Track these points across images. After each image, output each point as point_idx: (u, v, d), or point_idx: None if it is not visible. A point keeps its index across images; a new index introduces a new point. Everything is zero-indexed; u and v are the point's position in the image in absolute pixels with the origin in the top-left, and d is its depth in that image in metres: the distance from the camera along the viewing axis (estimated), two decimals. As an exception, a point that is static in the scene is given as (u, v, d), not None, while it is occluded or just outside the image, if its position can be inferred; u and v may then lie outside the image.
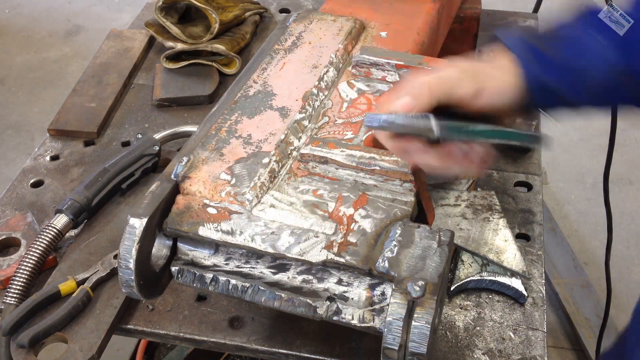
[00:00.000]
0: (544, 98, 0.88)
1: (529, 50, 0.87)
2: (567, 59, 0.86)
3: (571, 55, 0.86)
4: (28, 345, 1.00)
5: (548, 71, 0.85)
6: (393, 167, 0.89)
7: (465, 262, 1.13)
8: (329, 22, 1.19)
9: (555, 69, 0.85)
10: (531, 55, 0.87)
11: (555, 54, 0.86)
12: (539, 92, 0.86)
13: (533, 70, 0.86)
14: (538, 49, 0.87)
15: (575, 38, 0.87)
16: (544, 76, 0.85)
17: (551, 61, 0.86)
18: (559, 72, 0.85)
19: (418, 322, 0.76)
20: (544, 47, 0.87)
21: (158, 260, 0.90)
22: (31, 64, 3.68)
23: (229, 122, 0.99)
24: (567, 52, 0.86)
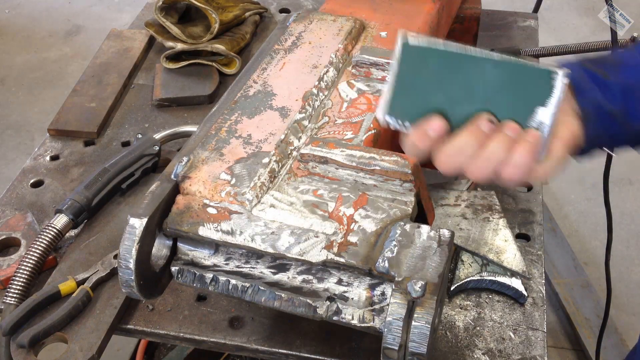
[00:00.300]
0: (603, 126, 0.79)
1: (586, 75, 0.79)
2: (631, 85, 0.79)
3: (632, 76, 0.80)
4: (28, 345, 1.00)
5: (608, 97, 0.78)
6: (393, 167, 0.89)
7: (465, 262, 1.13)
8: (329, 22, 1.19)
9: (616, 95, 0.79)
10: (589, 79, 0.79)
11: (615, 77, 0.80)
12: (598, 120, 0.78)
13: (592, 95, 0.78)
14: (595, 73, 0.79)
15: (636, 65, 0.81)
16: (604, 102, 0.78)
17: (609, 85, 0.79)
18: (620, 98, 0.79)
19: (418, 322, 0.76)
20: (602, 72, 0.80)
21: (158, 260, 0.90)
22: (31, 64, 3.68)
23: (229, 122, 0.99)
24: (629, 74, 0.80)
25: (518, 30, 1.77)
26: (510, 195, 1.29)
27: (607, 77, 0.79)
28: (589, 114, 0.77)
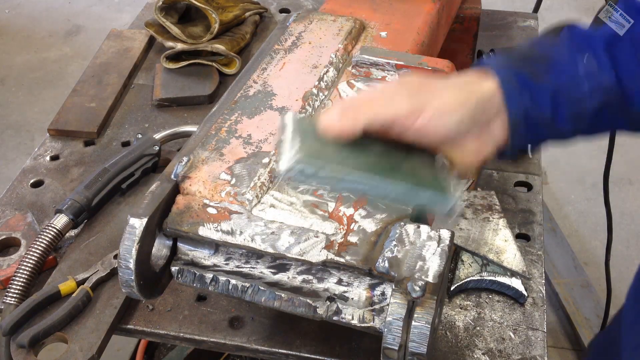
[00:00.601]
0: (529, 132, 0.79)
1: (515, 79, 0.78)
2: (561, 87, 0.78)
3: (565, 82, 0.78)
4: (28, 345, 1.00)
5: (538, 103, 0.77)
6: (393, 167, 0.89)
7: (465, 262, 1.13)
8: (329, 22, 1.19)
9: (546, 99, 0.77)
10: (518, 83, 0.77)
11: (545, 78, 0.78)
12: (526, 127, 0.77)
13: (522, 102, 0.77)
14: (525, 76, 0.78)
15: (565, 62, 0.79)
16: (533, 108, 0.77)
17: (540, 89, 0.77)
18: (549, 102, 0.77)
19: (418, 322, 0.76)
20: (533, 73, 0.78)
21: (158, 260, 0.90)
22: (31, 64, 3.68)
23: (229, 122, 0.99)
24: (558, 74, 0.78)
25: (518, 30, 1.77)
26: (510, 195, 1.29)
27: (537, 80, 0.77)
28: (518, 123, 0.77)
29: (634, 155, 3.08)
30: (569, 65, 0.79)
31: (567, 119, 0.79)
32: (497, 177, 1.33)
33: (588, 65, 0.78)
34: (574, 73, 0.78)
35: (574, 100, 0.78)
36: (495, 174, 1.34)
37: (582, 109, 0.78)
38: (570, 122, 0.79)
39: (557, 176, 2.99)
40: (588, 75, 0.78)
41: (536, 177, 1.33)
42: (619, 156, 1.97)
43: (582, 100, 0.78)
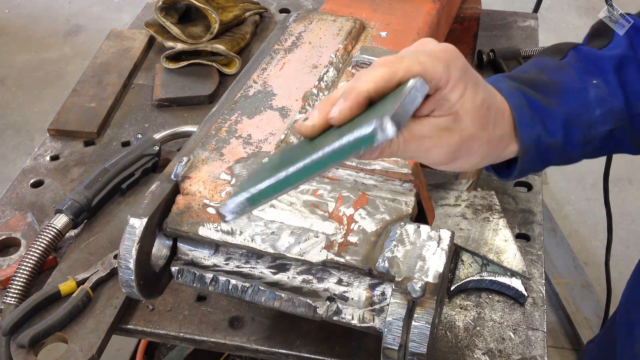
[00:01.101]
0: (540, 157, 0.78)
1: (528, 105, 0.75)
2: (572, 112, 0.77)
3: (576, 108, 0.77)
4: (28, 345, 1.00)
5: (550, 129, 0.76)
6: (393, 167, 0.90)
7: (465, 262, 1.13)
8: (329, 22, 1.19)
9: (558, 126, 0.76)
10: (530, 110, 0.75)
11: (557, 105, 0.77)
12: (536, 153, 0.77)
13: (534, 129, 0.75)
14: (537, 103, 0.76)
15: (576, 88, 0.78)
16: (545, 135, 0.76)
17: (552, 115, 0.76)
18: (561, 129, 0.76)
19: (418, 322, 0.76)
20: (544, 100, 0.77)
21: (158, 260, 0.90)
22: (31, 64, 3.68)
23: (229, 122, 0.99)
24: (570, 101, 0.77)
25: (518, 30, 1.77)
26: (510, 195, 1.29)
27: (550, 106, 0.76)
28: (529, 148, 0.76)
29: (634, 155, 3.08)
30: (579, 91, 0.78)
31: (578, 144, 0.79)
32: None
33: (598, 90, 0.77)
34: (584, 98, 0.77)
35: (585, 125, 0.77)
36: (495, 174, 1.34)
37: (593, 133, 0.78)
38: (581, 146, 0.79)
39: (557, 176, 2.99)
40: (599, 100, 0.77)
41: (536, 177, 1.33)
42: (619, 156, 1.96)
43: (593, 125, 0.78)
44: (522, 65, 0.84)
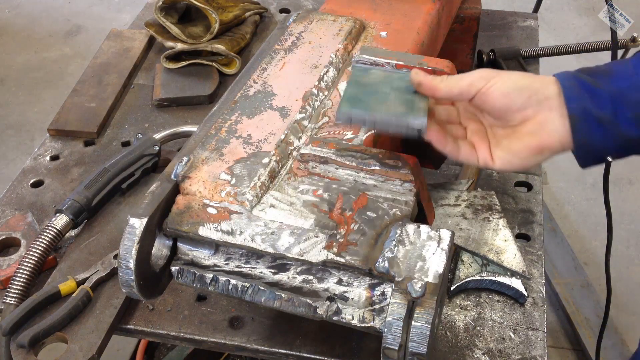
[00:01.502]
0: (591, 131, 0.84)
1: (576, 82, 0.84)
2: (620, 90, 0.83)
3: (625, 87, 0.83)
4: (28, 345, 1.00)
5: (597, 104, 0.83)
6: (393, 167, 0.89)
7: (465, 262, 1.13)
8: (329, 22, 1.19)
9: (606, 102, 0.82)
10: (578, 85, 0.84)
11: (605, 85, 0.83)
12: (586, 125, 0.83)
13: (581, 100, 0.83)
14: (588, 83, 0.84)
15: (627, 71, 0.84)
16: (593, 108, 0.83)
17: (599, 92, 0.83)
18: (609, 105, 0.82)
19: (418, 322, 0.76)
20: (593, 81, 0.84)
21: (158, 260, 0.90)
22: (31, 64, 3.68)
23: (229, 122, 0.99)
24: (618, 83, 0.83)
25: (518, 30, 1.77)
26: (510, 195, 1.29)
27: (597, 85, 0.82)
28: (577, 119, 0.83)
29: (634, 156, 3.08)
30: (628, 75, 0.83)
31: (631, 121, 0.82)
32: (497, 177, 1.33)
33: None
34: (632, 81, 0.82)
35: (633, 103, 0.81)
36: (495, 174, 1.34)
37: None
38: (635, 124, 0.82)
39: (557, 176, 2.99)
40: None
41: (536, 177, 1.33)
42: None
43: (637, 95, 0.81)
44: None
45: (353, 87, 0.98)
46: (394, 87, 0.97)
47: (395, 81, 0.99)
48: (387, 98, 0.94)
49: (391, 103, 0.93)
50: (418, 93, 0.94)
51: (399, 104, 0.92)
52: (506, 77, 0.87)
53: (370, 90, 0.97)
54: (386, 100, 0.93)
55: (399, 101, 0.93)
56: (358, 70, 1.03)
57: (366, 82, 1.00)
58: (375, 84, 0.99)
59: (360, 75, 1.01)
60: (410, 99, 0.93)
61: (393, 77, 1.00)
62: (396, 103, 0.92)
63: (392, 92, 0.95)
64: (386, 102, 0.93)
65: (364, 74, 1.01)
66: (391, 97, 0.94)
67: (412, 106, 0.91)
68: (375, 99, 0.94)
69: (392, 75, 1.00)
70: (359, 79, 1.00)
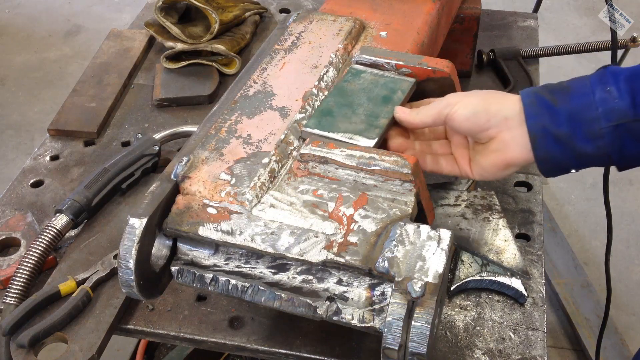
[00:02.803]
0: (550, 148, 0.89)
1: (536, 101, 0.89)
2: (576, 109, 0.87)
3: (580, 105, 0.87)
4: (28, 345, 1.00)
5: (555, 122, 0.88)
6: (393, 167, 0.90)
7: (465, 262, 1.13)
8: (329, 22, 1.19)
9: (563, 121, 0.88)
10: (537, 105, 0.89)
11: (563, 103, 0.88)
12: (545, 142, 0.89)
13: (540, 119, 0.88)
14: (547, 100, 0.89)
15: (583, 91, 0.88)
16: (551, 127, 0.88)
17: (557, 111, 0.88)
18: (566, 124, 0.87)
19: (418, 322, 0.76)
20: (552, 98, 0.89)
21: (158, 260, 0.90)
22: (31, 64, 3.68)
23: (229, 122, 0.99)
24: (575, 101, 0.88)
25: (518, 30, 1.77)
26: (510, 195, 1.29)
27: (556, 103, 0.88)
28: (536, 137, 0.89)
29: (634, 156, 3.08)
30: (585, 93, 0.88)
31: (585, 138, 0.87)
32: (497, 177, 1.33)
33: (604, 93, 0.86)
34: (589, 99, 0.87)
35: (589, 121, 0.86)
36: (495, 174, 1.34)
37: (598, 130, 0.86)
38: (589, 141, 0.87)
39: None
40: (602, 100, 0.86)
41: (536, 177, 1.33)
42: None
43: (596, 120, 0.86)
44: None
45: (333, 97, 1.03)
46: (372, 96, 1.02)
47: (378, 88, 1.04)
48: (356, 112, 1.00)
49: (356, 118, 0.98)
50: (392, 102, 1.01)
51: (360, 121, 0.98)
52: (467, 101, 0.94)
53: (345, 102, 1.01)
54: (353, 115, 0.99)
55: (365, 115, 0.99)
56: (350, 75, 1.07)
57: (349, 89, 1.04)
58: (355, 92, 1.03)
59: (349, 80, 1.06)
60: (377, 112, 0.99)
61: (379, 83, 1.05)
62: (361, 118, 0.98)
63: (366, 103, 1.01)
64: (353, 116, 0.99)
65: (354, 79, 1.06)
66: (360, 112, 1.00)
67: (372, 123, 0.97)
68: (344, 113, 0.99)
69: (378, 80, 1.05)
70: (344, 86, 1.05)
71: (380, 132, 0.96)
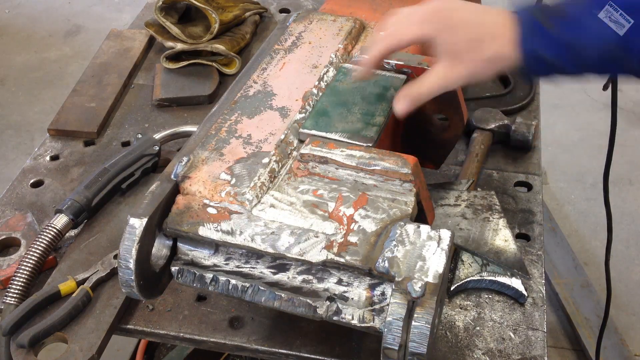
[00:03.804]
0: (539, 68, 0.93)
1: (532, 24, 0.91)
2: (567, 36, 0.89)
3: (571, 33, 0.89)
4: (28, 345, 1.00)
5: (546, 47, 0.90)
6: (393, 167, 0.90)
7: (465, 262, 1.13)
8: (329, 22, 1.19)
9: (554, 45, 0.90)
10: (533, 29, 0.91)
11: (555, 30, 0.90)
12: (535, 63, 0.92)
13: (532, 44, 0.91)
14: (540, 23, 0.90)
15: (578, 17, 0.90)
16: (542, 51, 0.91)
17: (551, 37, 0.90)
18: (557, 48, 0.90)
19: (418, 322, 0.76)
20: (547, 23, 0.90)
21: (158, 260, 0.90)
22: (31, 64, 3.68)
23: (229, 122, 0.99)
24: (568, 30, 0.89)
25: (518, 30, 1.77)
26: (510, 195, 1.29)
27: (550, 28, 0.90)
28: (527, 58, 0.91)
29: (634, 155, 3.08)
30: (577, 22, 0.90)
31: (572, 63, 0.91)
32: (497, 177, 1.33)
33: (594, 22, 0.88)
34: (580, 27, 0.89)
35: (577, 48, 0.89)
36: (495, 174, 1.34)
37: (585, 56, 0.90)
38: (575, 66, 0.92)
39: (557, 176, 2.99)
40: (591, 29, 0.88)
41: (536, 177, 1.33)
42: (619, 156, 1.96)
43: (584, 48, 0.89)
44: None
45: (326, 97, 1.03)
46: (366, 94, 1.03)
47: (371, 87, 1.04)
48: (351, 110, 1.00)
49: (352, 117, 0.99)
50: (386, 100, 1.01)
51: (357, 120, 0.99)
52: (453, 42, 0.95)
53: (340, 102, 1.02)
54: (349, 114, 1.00)
55: (361, 114, 1.00)
56: (341, 74, 1.08)
57: (341, 88, 1.04)
58: (348, 91, 1.04)
59: (341, 79, 1.07)
60: (373, 111, 1.00)
61: (371, 82, 1.05)
62: (357, 117, 0.99)
63: (361, 102, 1.02)
64: (349, 116, 0.99)
65: (345, 78, 1.06)
66: (355, 110, 1.01)
67: (369, 121, 0.98)
68: (340, 113, 1.00)
69: (370, 79, 1.05)
70: (336, 86, 1.05)
71: (378, 130, 0.96)
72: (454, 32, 0.93)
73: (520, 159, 1.37)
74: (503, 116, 1.41)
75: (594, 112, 3.30)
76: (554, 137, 3.16)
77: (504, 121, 1.39)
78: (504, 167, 1.36)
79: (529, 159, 1.38)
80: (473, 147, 1.35)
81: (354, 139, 0.95)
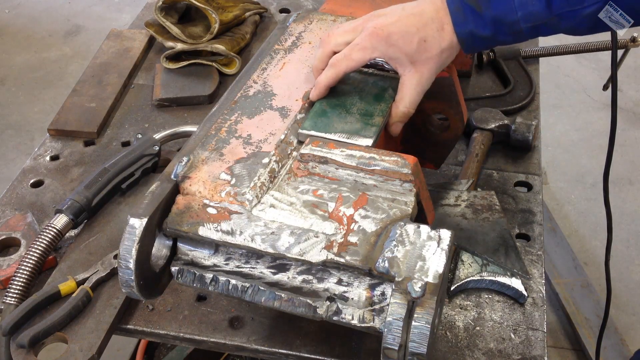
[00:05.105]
0: (481, 45, 1.00)
1: (463, 9, 0.96)
2: (496, 13, 0.95)
3: (499, 9, 0.95)
4: (28, 345, 1.00)
5: (481, 27, 0.96)
6: (393, 167, 0.90)
7: (465, 262, 1.13)
8: (329, 22, 1.19)
9: (487, 24, 0.96)
10: (464, 14, 0.96)
11: (486, 9, 0.95)
12: (475, 42, 0.98)
13: (466, 27, 0.97)
14: (471, 6, 0.96)
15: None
16: (478, 31, 0.97)
17: (482, 17, 0.95)
18: (491, 26, 0.96)
19: (418, 322, 0.76)
20: (476, 4, 0.96)
21: (158, 260, 0.90)
22: (31, 64, 3.68)
23: (229, 122, 0.99)
24: (496, 7, 0.95)
25: (518, 30, 1.77)
26: (510, 195, 1.29)
27: (480, 10, 0.95)
28: (465, 40, 0.98)
29: (634, 155, 3.09)
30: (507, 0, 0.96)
31: (507, 37, 0.98)
32: (497, 177, 1.33)
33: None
34: (509, 4, 0.94)
35: (510, 23, 0.96)
36: (495, 174, 1.34)
37: (518, 29, 0.96)
38: (511, 37, 0.99)
39: (557, 176, 3.00)
40: (521, 4, 0.94)
41: (536, 177, 1.33)
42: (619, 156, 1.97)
43: (516, 23, 0.95)
44: None
45: (326, 97, 1.03)
46: (364, 95, 1.04)
47: (369, 87, 1.05)
48: (350, 111, 1.01)
49: (351, 118, 0.99)
50: (385, 100, 1.02)
51: (356, 120, 0.99)
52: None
53: (338, 102, 1.02)
54: (348, 115, 1.00)
55: (359, 114, 1.00)
56: None
57: (339, 89, 1.04)
58: (345, 91, 1.04)
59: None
60: (371, 111, 1.01)
61: (368, 82, 1.06)
62: (355, 118, 0.99)
63: (359, 102, 1.02)
64: (347, 116, 1.00)
65: (344, 78, 1.06)
66: (354, 111, 1.01)
67: (367, 122, 0.99)
68: (338, 113, 1.00)
69: (367, 79, 1.06)
70: (335, 86, 1.04)
71: (377, 130, 0.96)
72: (398, 47, 0.97)
73: (520, 159, 1.37)
74: (503, 116, 1.41)
75: (594, 112, 3.31)
76: (554, 137, 3.16)
77: (504, 121, 1.39)
78: (504, 167, 1.36)
79: (529, 159, 1.38)
80: (473, 147, 1.36)
81: (353, 139, 0.95)
